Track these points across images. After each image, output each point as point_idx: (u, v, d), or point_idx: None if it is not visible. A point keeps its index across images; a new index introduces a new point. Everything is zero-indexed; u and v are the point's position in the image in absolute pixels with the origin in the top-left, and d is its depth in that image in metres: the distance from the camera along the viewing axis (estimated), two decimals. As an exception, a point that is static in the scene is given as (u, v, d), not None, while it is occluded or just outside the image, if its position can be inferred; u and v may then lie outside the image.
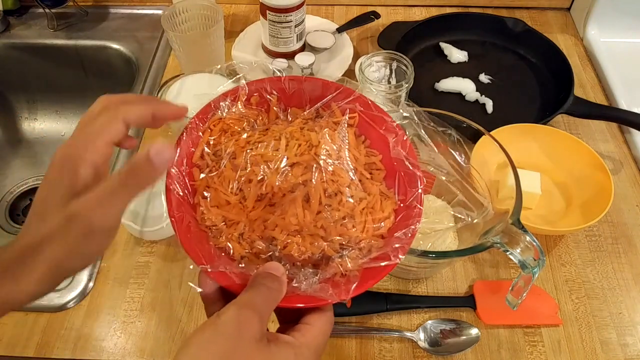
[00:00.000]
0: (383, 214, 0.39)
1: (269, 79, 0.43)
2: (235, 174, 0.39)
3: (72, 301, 0.61)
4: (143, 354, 0.57)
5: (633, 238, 0.67)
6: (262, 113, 0.44)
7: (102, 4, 1.00)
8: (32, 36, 0.96)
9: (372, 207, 0.40)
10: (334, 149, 0.40)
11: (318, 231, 0.38)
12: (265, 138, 0.41)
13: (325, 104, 0.44)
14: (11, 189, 0.95)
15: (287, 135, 0.41)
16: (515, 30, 0.89)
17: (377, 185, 0.41)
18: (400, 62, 0.69)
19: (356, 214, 0.39)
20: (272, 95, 0.44)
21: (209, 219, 0.38)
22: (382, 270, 0.35)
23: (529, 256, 0.45)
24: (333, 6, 0.99)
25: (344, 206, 0.38)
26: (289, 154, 0.39)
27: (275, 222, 0.38)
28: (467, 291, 0.62)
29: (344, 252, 0.37)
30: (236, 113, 0.42)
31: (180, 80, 0.68)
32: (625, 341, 0.58)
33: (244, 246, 0.38)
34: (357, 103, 0.43)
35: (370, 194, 0.40)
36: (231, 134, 0.41)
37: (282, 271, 0.33)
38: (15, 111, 1.03)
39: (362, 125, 0.44)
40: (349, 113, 0.43)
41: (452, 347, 0.57)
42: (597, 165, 0.65)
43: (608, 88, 0.84)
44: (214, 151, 0.41)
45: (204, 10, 0.79)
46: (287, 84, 0.44)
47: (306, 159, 0.39)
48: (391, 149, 0.42)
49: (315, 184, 0.38)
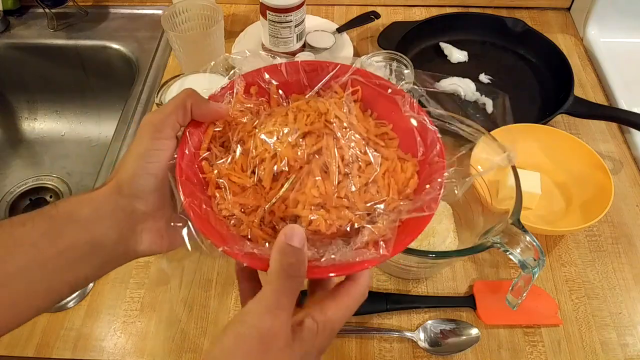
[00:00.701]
0: (405, 175, 0.39)
1: (265, 68, 0.43)
2: (247, 158, 0.38)
3: (72, 301, 0.61)
4: (143, 354, 0.57)
5: (633, 238, 0.67)
6: (263, 103, 0.43)
7: (102, 4, 1.00)
8: (32, 36, 0.96)
9: (393, 169, 0.39)
10: (344, 114, 0.39)
11: (342, 202, 0.36)
12: (271, 118, 0.40)
13: (325, 84, 0.43)
14: (11, 189, 0.95)
15: (294, 109, 0.40)
16: (515, 30, 0.89)
17: (394, 150, 0.41)
18: (400, 62, 0.69)
19: (378, 178, 0.38)
20: (270, 85, 0.43)
21: (225, 209, 0.37)
22: (419, 223, 0.34)
23: (529, 256, 0.45)
24: (333, 6, 0.99)
25: (364, 172, 0.37)
26: (299, 125, 0.38)
27: (296, 198, 0.36)
28: (467, 291, 0.62)
29: (374, 218, 0.36)
30: (238, 105, 0.42)
31: (180, 80, 0.68)
32: (625, 341, 0.58)
33: (266, 231, 0.36)
34: (356, 75, 0.42)
35: (388, 159, 0.39)
36: (236, 124, 0.41)
37: (302, 236, 0.31)
38: (15, 111, 1.03)
39: (366, 98, 0.43)
40: (350, 86, 0.42)
41: (452, 347, 0.57)
42: (597, 165, 0.65)
43: (608, 88, 0.84)
44: (220, 142, 0.40)
45: (204, 10, 0.79)
46: (284, 70, 0.43)
47: (318, 127, 0.38)
48: (400, 107, 0.41)
49: (330, 151, 0.37)
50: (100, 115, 1.02)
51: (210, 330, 0.59)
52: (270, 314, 0.30)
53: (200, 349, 0.57)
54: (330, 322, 0.32)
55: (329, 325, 0.32)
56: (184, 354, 0.57)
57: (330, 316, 0.32)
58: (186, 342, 0.58)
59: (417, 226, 0.35)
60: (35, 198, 0.95)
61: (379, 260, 0.33)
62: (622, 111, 0.76)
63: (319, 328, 0.32)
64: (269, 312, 0.30)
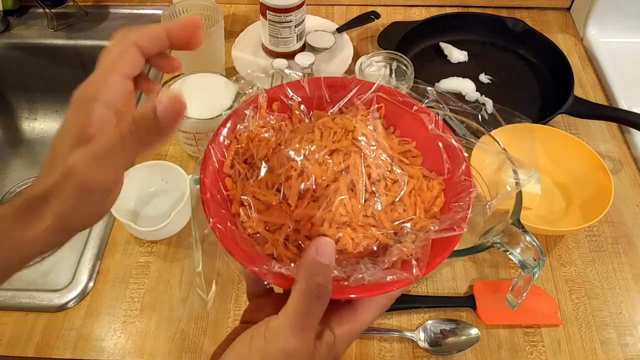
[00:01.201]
0: (432, 194, 0.38)
1: (289, 84, 0.43)
2: (272, 175, 0.37)
3: (72, 301, 0.61)
4: (143, 354, 0.57)
5: (633, 238, 0.67)
6: (285, 119, 0.43)
7: (102, 4, 1.00)
8: (32, 36, 0.95)
9: (419, 187, 0.39)
10: (371, 131, 0.39)
11: (368, 220, 0.36)
12: (296, 135, 0.39)
13: (348, 101, 0.43)
14: (11, 189, 0.95)
15: (320, 126, 0.40)
16: (515, 30, 0.89)
17: (419, 168, 0.40)
18: (400, 62, 0.69)
19: (404, 196, 0.37)
20: (293, 100, 0.43)
21: (250, 227, 0.37)
22: (449, 242, 0.34)
23: (529, 256, 0.45)
24: (333, 6, 0.99)
25: (390, 190, 0.37)
26: (326, 142, 0.38)
27: (322, 217, 0.36)
28: (467, 291, 0.62)
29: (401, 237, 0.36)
30: (260, 121, 0.41)
31: (180, 80, 0.69)
32: (625, 341, 0.58)
33: (291, 250, 0.36)
34: (380, 92, 0.42)
35: (414, 177, 0.39)
36: (259, 141, 0.41)
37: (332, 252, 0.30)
38: (15, 111, 1.02)
39: (389, 115, 0.43)
40: (375, 103, 0.42)
41: (452, 347, 0.57)
42: (597, 165, 0.65)
43: (608, 88, 0.84)
44: (243, 159, 0.40)
45: (204, 10, 0.79)
46: (307, 86, 0.43)
47: (345, 145, 0.38)
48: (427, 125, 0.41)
49: (358, 169, 0.36)
50: (100, 115, 1.02)
51: (210, 331, 0.59)
52: (297, 336, 0.30)
53: (200, 349, 0.57)
54: (348, 335, 0.33)
55: (346, 338, 0.32)
56: (184, 354, 0.57)
57: (348, 330, 0.32)
58: (186, 342, 0.58)
59: (447, 245, 0.34)
60: (35, 198, 0.95)
61: (411, 280, 0.32)
62: (622, 111, 0.76)
63: (336, 341, 0.32)
64: (295, 335, 0.30)
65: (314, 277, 0.30)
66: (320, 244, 0.30)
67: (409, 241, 0.35)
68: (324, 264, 0.30)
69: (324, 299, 0.30)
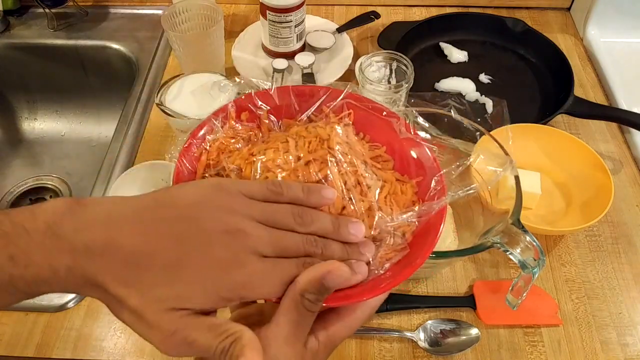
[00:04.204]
0: (407, 197, 0.39)
1: (257, 93, 0.43)
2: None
3: (72, 301, 0.61)
4: (143, 354, 0.57)
5: (633, 238, 0.67)
6: (254, 129, 0.43)
7: (102, 4, 1.00)
8: (32, 36, 0.95)
9: (393, 191, 0.39)
10: (343, 138, 0.39)
11: None
12: (270, 145, 0.40)
13: (316, 109, 0.43)
14: (11, 189, 0.95)
15: (294, 135, 0.40)
16: (515, 30, 0.89)
17: (391, 172, 0.41)
18: (400, 62, 0.69)
19: (380, 201, 0.38)
20: (261, 109, 0.43)
21: None
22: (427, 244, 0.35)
23: (529, 256, 0.45)
24: (333, 6, 0.99)
25: (366, 196, 0.37)
26: (302, 152, 0.38)
27: None
28: (467, 291, 0.62)
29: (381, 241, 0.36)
30: (229, 131, 0.41)
31: (180, 80, 0.68)
32: (625, 341, 0.58)
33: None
34: (349, 99, 0.43)
35: (387, 181, 0.40)
36: (229, 152, 0.41)
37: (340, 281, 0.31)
38: (15, 111, 1.02)
39: (359, 121, 0.43)
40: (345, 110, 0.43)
41: (452, 347, 0.57)
42: (597, 165, 0.65)
43: (608, 88, 0.84)
44: (215, 171, 0.40)
45: (204, 10, 0.79)
46: (276, 95, 0.43)
47: (320, 155, 0.38)
48: (396, 130, 0.41)
49: (334, 179, 0.37)
50: (100, 115, 1.02)
51: (210, 330, 0.59)
52: (289, 345, 0.30)
53: (200, 349, 0.57)
54: (331, 340, 0.33)
55: (330, 343, 0.33)
56: (184, 354, 0.57)
57: (332, 334, 0.33)
58: (186, 342, 0.58)
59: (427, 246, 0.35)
60: (35, 198, 0.95)
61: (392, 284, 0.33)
62: (622, 111, 0.76)
63: (319, 347, 0.32)
64: (287, 344, 0.30)
65: (311, 295, 0.30)
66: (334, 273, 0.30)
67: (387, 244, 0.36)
68: (326, 287, 0.30)
69: (315, 312, 0.31)
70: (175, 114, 0.65)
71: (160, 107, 0.65)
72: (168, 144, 0.77)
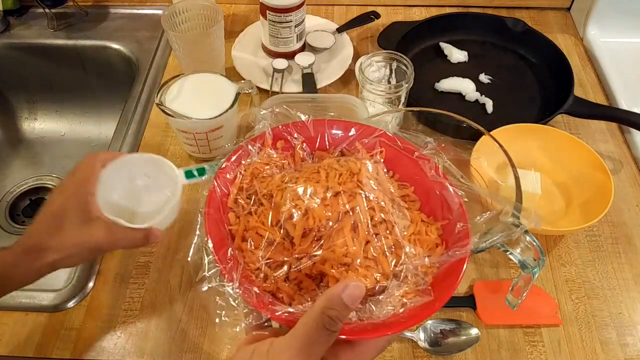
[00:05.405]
0: (431, 239, 0.39)
1: (294, 124, 0.44)
2: (276, 213, 0.38)
3: (72, 301, 0.61)
4: (143, 354, 0.57)
5: (633, 238, 0.67)
6: (288, 157, 0.44)
7: (102, 4, 1.00)
8: (32, 36, 0.95)
9: (418, 232, 0.40)
10: (373, 174, 0.40)
11: (369, 262, 0.36)
12: (302, 174, 0.40)
13: (349, 144, 0.44)
14: (11, 189, 0.95)
15: (325, 167, 0.40)
16: (515, 30, 0.89)
17: (417, 213, 0.41)
18: (400, 62, 0.69)
19: (405, 240, 0.38)
20: (297, 139, 0.44)
21: (251, 263, 0.37)
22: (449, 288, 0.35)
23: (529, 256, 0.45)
24: (333, 6, 0.99)
25: (391, 233, 0.38)
26: (332, 184, 0.38)
27: (324, 256, 0.36)
28: (467, 291, 0.62)
29: (402, 279, 0.37)
30: (264, 158, 0.42)
31: (180, 80, 0.68)
32: (625, 341, 0.58)
33: (291, 287, 0.36)
34: (382, 137, 0.44)
35: (413, 221, 0.40)
36: (263, 177, 0.41)
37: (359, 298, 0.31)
38: (15, 111, 1.02)
39: (389, 160, 0.44)
40: (377, 147, 0.44)
41: (452, 347, 0.57)
42: (597, 165, 0.65)
43: (608, 88, 0.84)
44: (247, 194, 0.40)
45: (204, 10, 0.79)
46: (311, 127, 0.44)
47: (350, 187, 0.38)
48: (427, 173, 0.42)
49: (361, 212, 0.37)
50: (100, 115, 1.02)
51: (210, 331, 0.59)
52: (301, 357, 0.30)
53: (200, 349, 0.57)
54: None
55: None
56: (184, 354, 0.57)
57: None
58: (186, 342, 0.58)
59: (446, 291, 0.35)
60: (35, 198, 0.95)
61: (409, 324, 0.33)
62: (622, 111, 0.76)
63: None
64: (299, 356, 0.30)
65: (331, 310, 0.30)
66: (350, 285, 0.30)
67: (410, 283, 0.36)
68: (345, 304, 0.30)
69: (333, 333, 0.31)
70: (175, 114, 0.65)
71: (160, 107, 0.65)
72: (168, 144, 0.77)
